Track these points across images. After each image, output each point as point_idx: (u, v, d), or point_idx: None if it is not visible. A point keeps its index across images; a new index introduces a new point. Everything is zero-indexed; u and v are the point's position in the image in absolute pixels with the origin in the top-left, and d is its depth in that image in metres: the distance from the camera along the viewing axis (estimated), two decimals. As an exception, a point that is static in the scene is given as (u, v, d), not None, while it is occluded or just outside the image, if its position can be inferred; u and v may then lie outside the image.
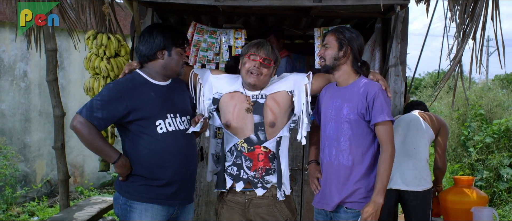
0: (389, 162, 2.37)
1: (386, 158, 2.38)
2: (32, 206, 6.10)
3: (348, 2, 3.22)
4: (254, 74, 2.47)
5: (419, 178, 3.29)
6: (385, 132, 2.39)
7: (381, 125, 2.38)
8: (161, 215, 2.42)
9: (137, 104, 2.35)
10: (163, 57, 2.43)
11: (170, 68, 2.45)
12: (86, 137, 2.31)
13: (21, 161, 6.54)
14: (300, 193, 3.78)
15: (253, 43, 2.53)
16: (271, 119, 2.50)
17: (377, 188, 2.37)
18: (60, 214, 3.57)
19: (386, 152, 2.38)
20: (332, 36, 2.51)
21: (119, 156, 2.36)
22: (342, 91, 2.51)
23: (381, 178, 2.37)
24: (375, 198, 2.36)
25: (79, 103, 6.94)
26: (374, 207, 2.35)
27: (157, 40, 2.42)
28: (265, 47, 2.49)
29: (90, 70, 3.27)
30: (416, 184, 3.28)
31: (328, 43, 2.50)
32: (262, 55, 2.47)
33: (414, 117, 3.45)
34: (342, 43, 2.47)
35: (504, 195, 6.02)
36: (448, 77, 3.24)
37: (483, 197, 3.46)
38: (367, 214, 2.35)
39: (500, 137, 6.40)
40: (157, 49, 2.42)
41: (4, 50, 6.67)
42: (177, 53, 2.45)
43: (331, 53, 2.48)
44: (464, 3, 3.13)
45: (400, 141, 3.28)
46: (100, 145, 2.35)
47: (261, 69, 2.47)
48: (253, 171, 2.49)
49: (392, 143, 2.40)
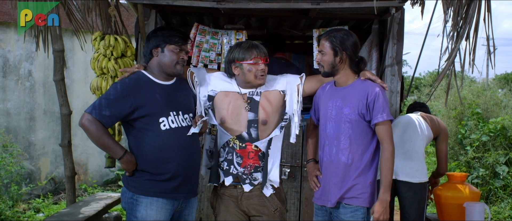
0: (390, 160, 2.48)
1: (388, 156, 2.48)
2: (37, 203, 6.23)
3: (345, 4, 3.33)
4: (263, 76, 2.61)
5: (414, 170, 3.40)
6: (385, 131, 2.48)
7: (381, 125, 2.48)
8: (165, 209, 2.54)
9: (141, 102, 2.48)
10: (157, 54, 2.57)
11: (164, 65, 2.57)
12: (94, 134, 2.44)
13: (26, 159, 6.66)
14: (299, 189, 3.90)
15: (247, 47, 2.61)
16: (263, 117, 2.61)
17: (383, 186, 2.47)
18: (67, 209, 3.69)
19: (387, 150, 2.48)
20: (326, 42, 2.56)
21: (124, 152, 2.49)
22: (342, 92, 2.59)
23: (385, 176, 2.47)
24: (382, 196, 2.46)
25: (83, 102, 7.07)
26: (383, 204, 2.46)
27: (152, 40, 2.58)
28: (260, 48, 2.63)
29: (97, 70, 3.39)
30: (411, 176, 3.40)
31: (324, 50, 2.56)
32: (264, 56, 2.61)
33: (415, 117, 3.57)
34: (336, 49, 2.53)
35: (500, 192, 6.12)
36: (443, 76, 3.35)
37: (476, 193, 3.57)
38: (378, 213, 2.45)
39: (496, 135, 6.50)
40: (152, 47, 2.57)
41: (10, 50, 6.79)
42: (170, 50, 2.55)
43: (328, 60, 2.55)
44: (458, 6, 3.24)
45: (398, 135, 3.39)
46: (106, 141, 2.48)
47: (266, 68, 2.63)
48: (242, 167, 2.61)
49: (392, 141, 2.50)
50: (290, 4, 3.30)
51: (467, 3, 3.22)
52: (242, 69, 2.60)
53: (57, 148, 7.08)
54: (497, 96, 7.79)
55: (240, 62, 2.60)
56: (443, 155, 3.64)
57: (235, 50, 2.63)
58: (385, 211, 2.46)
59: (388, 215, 2.48)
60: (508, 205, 5.85)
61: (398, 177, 3.41)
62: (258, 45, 2.64)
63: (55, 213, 3.89)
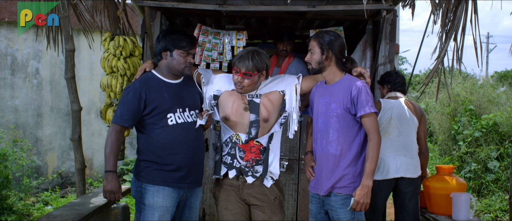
0: (375, 149, 2.67)
1: (373, 145, 2.67)
2: (46, 195, 6.46)
3: (339, 7, 3.54)
4: (238, 86, 2.78)
5: (414, 166, 3.56)
6: (371, 123, 2.68)
7: (366, 117, 2.68)
8: (171, 197, 2.76)
9: (150, 99, 2.72)
10: (166, 57, 2.78)
11: (173, 67, 2.79)
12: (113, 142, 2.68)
13: (34, 154, 6.90)
14: (296, 181, 4.11)
15: (238, 56, 2.78)
16: (265, 115, 2.82)
17: (366, 172, 2.66)
18: (78, 200, 3.89)
19: (373, 140, 2.68)
20: (314, 42, 2.79)
21: (113, 171, 2.69)
22: (330, 89, 2.82)
23: (369, 163, 2.66)
24: (365, 181, 2.65)
25: (88, 99, 7.30)
26: (364, 189, 2.64)
27: (162, 42, 2.79)
28: (246, 62, 2.72)
29: (107, 69, 3.59)
30: (412, 171, 3.54)
31: (312, 49, 2.79)
32: (242, 70, 2.73)
33: (403, 109, 3.65)
34: (323, 48, 2.75)
35: (491, 185, 6.31)
36: (432, 75, 3.56)
37: (462, 184, 3.77)
38: (358, 196, 2.64)
39: (488, 131, 6.68)
40: (161, 50, 2.78)
41: (18, 49, 7.01)
42: (178, 54, 2.76)
43: (316, 58, 2.78)
44: (446, 8, 3.45)
45: (395, 134, 3.54)
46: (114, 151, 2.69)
47: (243, 82, 2.77)
48: (245, 160, 2.81)
49: (377, 132, 2.69)
50: (288, 7, 3.50)
51: (455, 5, 3.42)
52: None
53: (64, 144, 7.32)
54: (490, 93, 7.97)
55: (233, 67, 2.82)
56: (424, 134, 3.73)
57: (237, 55, 2.84)
58: (366, 195, 2.64)
59: (369, 199, 2.66)
60: (499, 198, 6.04)
61: (401, 174, 3.49)
62: (246, 59, 2.73)
63: (68, 203, 4.10)
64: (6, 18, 6.78)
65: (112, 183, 2.67)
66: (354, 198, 2.66)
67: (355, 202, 2.65)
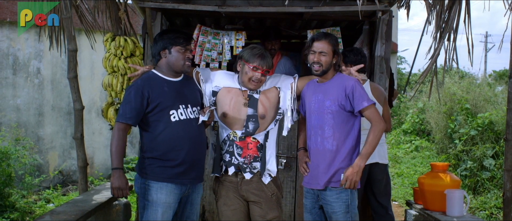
0: (377, 134, 2.76)
1: (375, 130, 2.77)
2: (48, 193, 6.54)
3: (335, 8, 3.62)
4: (255, 83, 2.89)
5: (384, 152, 3.66)
6: (372, 113, 2.79)
7: (367, 110, 2.79)
8: (174, 193, 2.84)
9: (153, 97, 2.80)
10: (165, 56, 2.87)
11: (173, 64, 2.87)
12: (118, 140, 2.76)
13: (36, 152, 6.98)
14: (294, 178, 4.18)
15: (256, 53, 2.87)
16: (262, 112, 2.91)
17: (362, 153, 2.76)
18: (80, 197, 3.98)
19: (377, 126, 2.77)
20: (328, 45, 2.87)
21: (120, 168, 2.77)
22: (322, 87, 2.92)
23: (367, 145, 2.75)
24: (358, 161, 2.75)
25: (89, 98, 7.38)
26: (355, 167, 2.74)
27: (160, 43, 2.88)
28: (267, 60, 2.87)
29: (108, 69, 3.67)
30: (384, 157, 3.64)
31: (325, 51, 2.86)
32: (264, 68, 2.87)
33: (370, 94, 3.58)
34: (335, 52, 2.88)
35: (487, 183, 6.38)
36: (426, 74, 3.65)
37: (456, 181, 3.87)
38: (348, 172, 2.75)
39: (484, 130, 6.76)
40: (159, 50, 2.87)
41: (19, 49, 7.10)
42: (176, 51, 2.85)
43: (328, 61, 2.87)
44: (440, 10, 3.53)
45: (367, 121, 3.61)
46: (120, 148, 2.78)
47: (261, 78, 2.89)
48: (243, 157, 2.90)
49: (381, 120, 2.80)
50: (286, 8, 3.59)
51: (449, 6, 3.50)
52: (243, 68, 2.91)
53: (65, 142, 7.41)
54: (486, 92, 8.06)
55: (244, 62, 2.89)
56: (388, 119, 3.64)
57: (247, 50, 2.92)
58: (356, 174, 2.74)
59: (358, 178, 2.75)
60: (494, 195, 6.12)
61: (376, 159, 3.56)
62: (266, 57, 2.88)
63: (70, 199, 4.18)
64: (8, 18, 6.86)
65: (120, 180, 2.74)
66: (344, 174, 2.76)
67: (345, 177, 2.75)
